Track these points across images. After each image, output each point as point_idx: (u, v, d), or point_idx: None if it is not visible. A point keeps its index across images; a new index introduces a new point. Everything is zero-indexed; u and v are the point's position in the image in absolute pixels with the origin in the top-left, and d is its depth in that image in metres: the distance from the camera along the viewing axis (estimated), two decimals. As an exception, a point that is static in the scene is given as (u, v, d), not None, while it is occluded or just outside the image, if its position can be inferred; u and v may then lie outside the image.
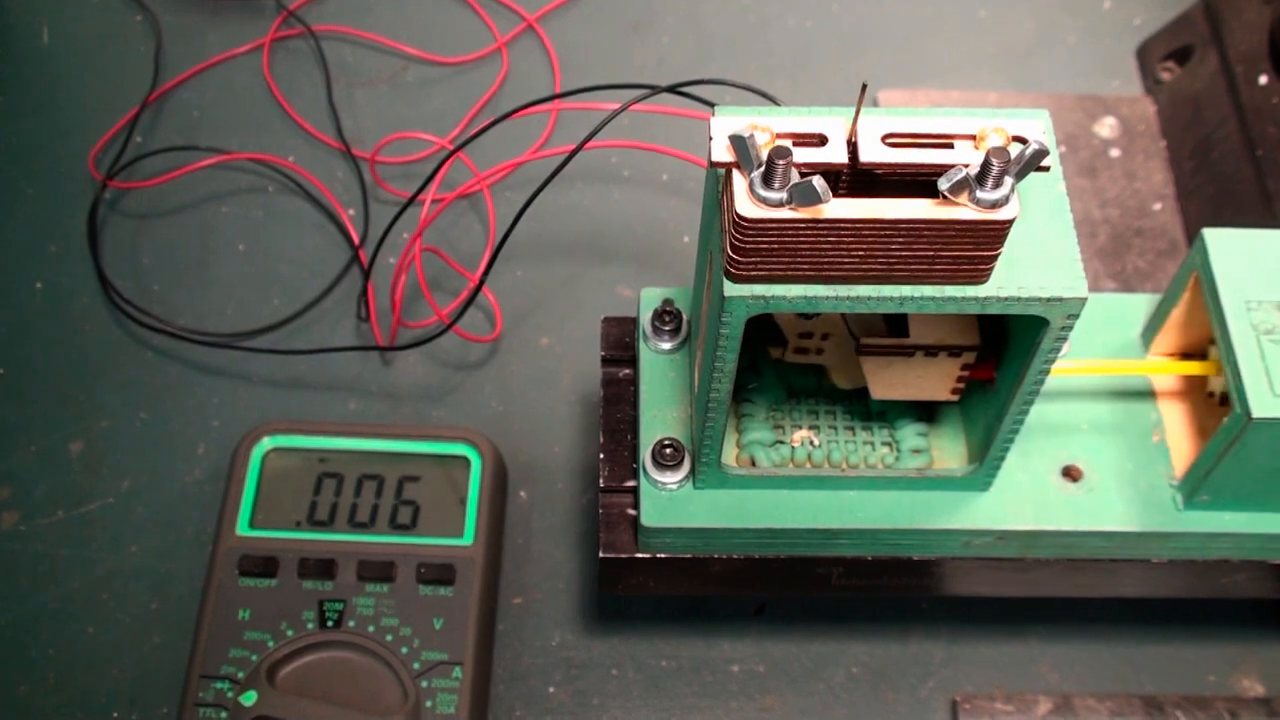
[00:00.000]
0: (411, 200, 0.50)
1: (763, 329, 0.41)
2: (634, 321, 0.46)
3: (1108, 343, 0.45)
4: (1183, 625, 0.51)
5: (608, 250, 0.59)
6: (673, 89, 0.43)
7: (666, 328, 0.44)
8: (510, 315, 0.57)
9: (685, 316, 0.45)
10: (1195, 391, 0.42)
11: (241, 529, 0.48)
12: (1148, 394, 0.44)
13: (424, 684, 0.45)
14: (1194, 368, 0.42)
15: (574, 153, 0.43)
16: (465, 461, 0.50)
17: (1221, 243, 0.40)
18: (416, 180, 0.56)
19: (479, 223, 0.60)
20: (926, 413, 0.44)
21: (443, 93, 0.64)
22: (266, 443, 0.50)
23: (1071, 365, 0.43)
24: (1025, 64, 0.66)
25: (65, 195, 0.60)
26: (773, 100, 0.42)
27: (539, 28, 0.66)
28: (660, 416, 0.43)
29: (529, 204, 0.44)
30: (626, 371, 0.46)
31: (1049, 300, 0.34)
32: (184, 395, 0.55)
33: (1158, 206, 0.60)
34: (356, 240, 0.59)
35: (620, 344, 0.46)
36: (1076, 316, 0.35)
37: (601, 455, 0.44)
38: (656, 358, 0.44)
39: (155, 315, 0.56)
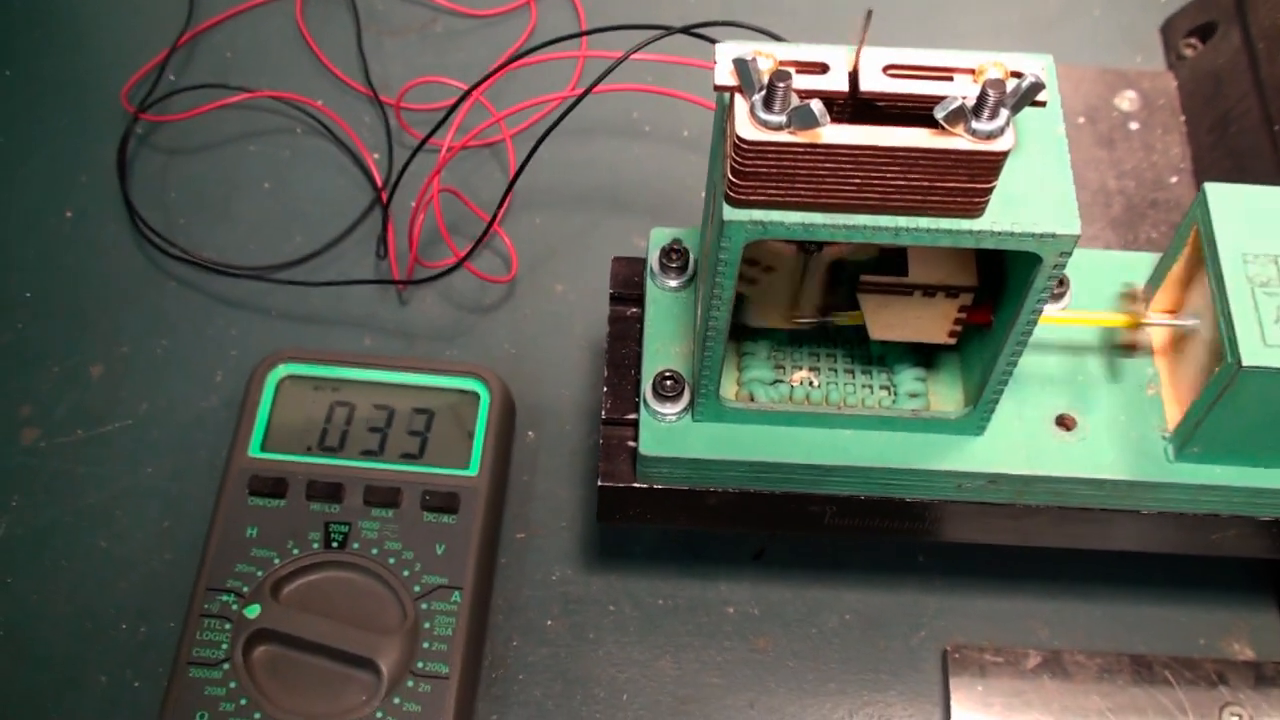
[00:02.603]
0: (427, 139, 0.51)
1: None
2: (643, 262, 0.47)
3: (1111, 297, 0.45)
4: (1175, 588, 0.51)
5: (625, 202, 0.60)
6: (686, 30, 0.44)
7: (674, 265, 0.45)
8: (526, 261, 0.58)
9: (693, 256, 0.45)
10: (1191, 346, 0.42)
11: (253, 450, 0.49)
12: (1145, 348, 0.44)
13: (424, 606, 0.46)
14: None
15: (589, 90, 0.44)
16: (474, 396, 0.51)
17: (1222, 197, 0.41)
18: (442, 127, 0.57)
19: (500, 171, 0.61)
20: (925, 359, 0.44)
21: (470, 44, 0.65)
22: (282, 369, 0.51)
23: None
24: (1049, 35, 0.66)
25: (98, 128, 0.61)
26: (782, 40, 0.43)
27: (568, -16, 0.66)
28: (664, 351, 0.44)
29: (545, 136, 0.45)
30: (634, 310, 0.46)
31: (1041, 236, 0.35)
32: (204, 325, 0.56)
33: (1174, 180, 0.61)
34: (380, 183, 0.60)
35: (629, 282, 0.47)
36: (1069, 254, 0.35)
37: (605, 388, 0.45)
38: (663, 295, 0.45)
39: (180, 246, 0.57)
